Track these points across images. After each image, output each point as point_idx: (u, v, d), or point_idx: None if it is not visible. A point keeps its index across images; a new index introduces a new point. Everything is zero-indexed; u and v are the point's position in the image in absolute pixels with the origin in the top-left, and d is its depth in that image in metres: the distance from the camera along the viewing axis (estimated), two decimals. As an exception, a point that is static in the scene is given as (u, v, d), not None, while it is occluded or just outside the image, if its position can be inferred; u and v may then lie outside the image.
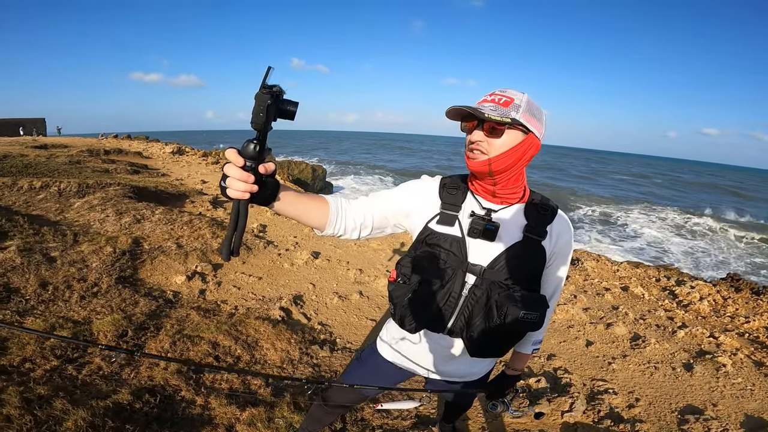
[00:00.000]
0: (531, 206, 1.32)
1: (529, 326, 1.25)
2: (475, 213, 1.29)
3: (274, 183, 1.03)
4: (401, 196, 1.37)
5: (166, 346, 3.08)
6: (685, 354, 4.12)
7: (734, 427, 3.00)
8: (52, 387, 2.34)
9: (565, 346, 4.23)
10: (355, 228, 1.29)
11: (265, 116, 0.84)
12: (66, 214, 6.02)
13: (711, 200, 41.68)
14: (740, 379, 3.66)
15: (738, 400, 3.38)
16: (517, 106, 1.18)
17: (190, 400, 2.56)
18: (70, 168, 10.13)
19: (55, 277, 3.91)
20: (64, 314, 3.32)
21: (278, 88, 0.86)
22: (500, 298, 1.24)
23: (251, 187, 0.94)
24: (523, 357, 1.57)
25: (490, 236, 1.26)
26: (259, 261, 5.53)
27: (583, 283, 6.42)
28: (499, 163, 1.20)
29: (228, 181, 0.94)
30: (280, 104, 0.88)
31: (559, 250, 1.33)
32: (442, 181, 1.38)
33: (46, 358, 2.64)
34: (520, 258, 1.28)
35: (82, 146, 17.45)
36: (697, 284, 6.65)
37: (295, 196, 1.14)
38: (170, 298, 4.05)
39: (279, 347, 3.40)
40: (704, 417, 3.07)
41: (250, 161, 0.92)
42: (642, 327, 4.79)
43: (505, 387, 1.62)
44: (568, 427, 2.89)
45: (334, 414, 1.85)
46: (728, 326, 5.01)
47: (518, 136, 1.19)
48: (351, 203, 1.31)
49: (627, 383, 3.56)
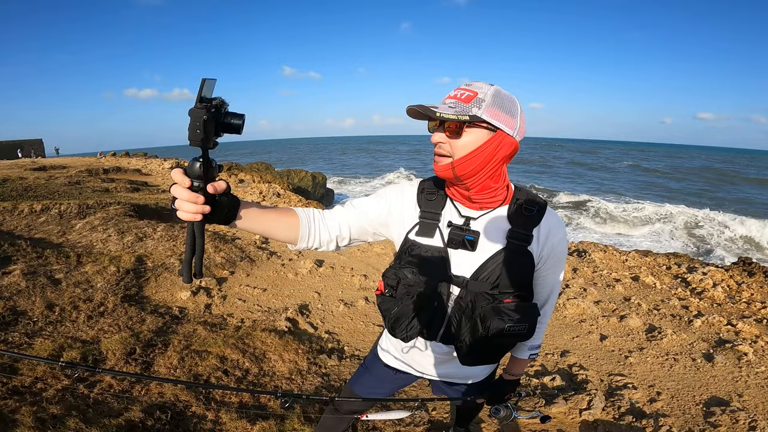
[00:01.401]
0: (515, 208, 1.22)
1: (516, 338, 1.19)
2: (453, 223, 1.22)
3: (231, 201, 0.98)
4: (378, 205, 1.29)
5: (174, 362, 3.07)
6: (704, 344, 4.04)
7: (762, 417, 2.91)
8: (64, 406, 2.36)
9: (578, 341, 4.15)
10: (331, 240, 1.24)
11: (202, 132, 0.77)
12: (68, 236, 6.00)
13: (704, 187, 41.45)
14: (763, 368, 3.57)
15: (764, 390, 3.29)
16: (480, 101, 1.07)
17: (201, 415, 2.56)
18: (69, 189, 10.14)
19: (61, 298, 3.91)
20: (72, 335, 3.34)
21: (219, 100, 0.81)
22: (484, 310, 1.16)
23: (202, 208, 0.89)
24: (521, 362, 1.50)
25: (471, 247, 1.19)
26: (262, 272, 5.48)
27: (592, 275, 6.34)
28: (464, 166, 1.11)
29: (177, 203, 0.88)
30: (222, 118, 0.82)
31: (549, 251, 1.23)
32: (420, 185, 1.31)
33: (57, 378, 2.65)
34: (505, 266, 1.19)
35: (80, 166, 17.52)
36: (709, 270, 6.54)
37: (259, 212, 1.09)
38: (176, 314, 4.01)
39: (287, 358, 3.34)
40: (730, 408, 2.98)
41: (197, 181, 0.87)
42: (657, 318, 4.70)
43: (503, 392, 1.55)
44: (587, 425, 2.81)
45: (346, 421, 1.81)
46: (745, 312, 4.93)
47: (483, 134, 1.08)
48: (325, 215, 1.25)
49: (646, 377, 3.48)
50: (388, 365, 1.56)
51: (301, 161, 60.82)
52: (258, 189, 13.62)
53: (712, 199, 33.35)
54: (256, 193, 12.67)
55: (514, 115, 1.11)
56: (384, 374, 1.59)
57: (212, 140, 0.81)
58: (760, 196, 35.58)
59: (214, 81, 0.81)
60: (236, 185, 15.16)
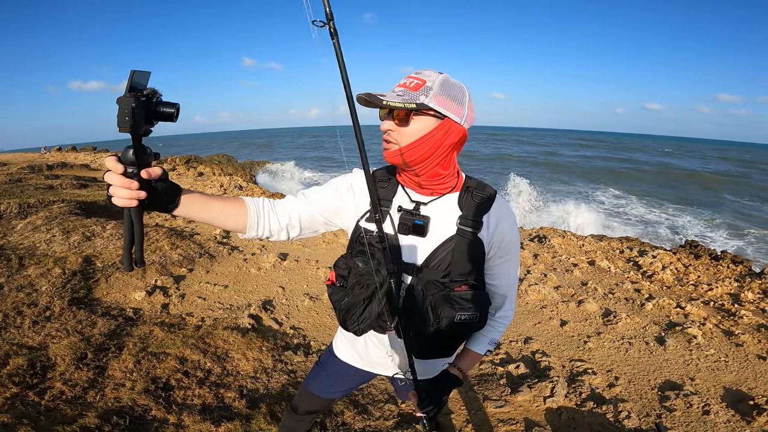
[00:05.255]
0: (465, 195, 1.22)
1: (469, 327, 1.18)
2: (403, 207, 1.21)
3: (170, 187, 0.99)
4: (329, 193, 1.28)
5: (130, 365, 2.94)
6: (656, 327, 4.23)
7: (715, 401, 3.06)
8: (14, 414, 2.28)
9: (540, 327, 4.26)
10: (282, 229, 1.23)
11: (131, 119, 0.81)
12: (9, 238, 5.61)
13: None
14: (713, 351, 3.76)
15: (714, 373, 3.46)
16: (428, 89, 1.07)
17: (162, 419, 2.48)
18: (10, 187, 9.48)
19: (4, 304, 3.69)
20: (17, 341, 3.18)
21: (150, 90, 0.85)
22: (435, 298, 1.15)
23: (137, 194, 0.89)
24: (474, 356, 1.38)
25: (421, 232, 1.19)
26: (223, 268, 5.32)
27: (552, 260, 6.52)
28: (412, 153, 1.12)
29: (111, 189, 0.89)
30: (153, 107, 0.86)
31: (499, 238, 1.22)
32: (373, 173, 1.30)
33: (4, 385, 2.56)
34: (455, 253, 1.18)
35: (22, 162, 16.44)
36: (658, 253, 6.86)
37: (203, 199, 1.08)
38: (131, 316, 3.84)
39: (251, 357, 3.25)
40: (684, 392, 3.13)
41: (130, 167, 0.89)
42: (612, 302, 4.89)
43: (441, 388, 1.33)
44: (552, 412, 2.88)
45: (306, 421, 1.75)
46: (692, 295, 5.19)
47: (430, 122, 1.09)
48: (275, 204, 1.24)
49: (604, 362, 3.61)
50: (344, 362, 1.53)
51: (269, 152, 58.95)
52: (219, 182, 13.19)
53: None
54: (217, 186, 12.26)
55: (462, 104, 1.12)
56: (340, 371, 1.55)
57: (143, 127, 0.85)
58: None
59: (147, 73, 0.85)
60: (195, 179, 14.66)
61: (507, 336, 4.06)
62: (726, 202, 24.85)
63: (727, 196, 26.52)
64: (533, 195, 20.11)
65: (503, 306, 1.35)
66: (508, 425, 2.73)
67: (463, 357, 1.39)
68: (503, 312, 1.36)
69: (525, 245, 7.17)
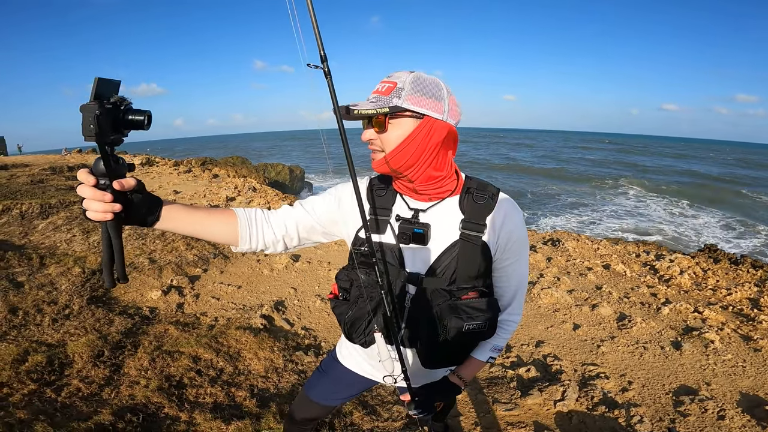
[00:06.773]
0: (466, 197, 1.17)
1: (477, 336, 1.16)
2: (401, 216, 1.18)
3: (148, 199, 0.94)
4: (327, 202, 1.25)
5: (145, 363, 3.00)
6: (672, 332, 4.15)
7: (731, 406, 3.00)
8: (31, 411, 2.32)
9: (552, 331, 4.22)
10: (278, 241, 1.19)
11: (96, 127, 0.78)
12: (30, 237, 5.78)
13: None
14: (730, 356, 3.68)
15: (731, 378, 3.39)
16: (400, 90, 1.04)
17: (174, 416, 2.51)
18: (32, 188, 9.76)
19: (24, 301, 3.80)
20: (37, 338, 3.26)
21: (118, 98, 0.82)
22: (441, 308, 1.13)
23: (111, 206, 0.85)
24: (476, 363, 1.32)
25: (421, 240, 1.14)
26: (237, 269, 5.39)
27: (565, 264, 6.44)
28: (398, 159, 1.07)
29: (84, 203, 0.84)
30: (122, 114, 0.82)
31: (506, 238, 1.17)
32: (370, 182, 1.27)
33: (22, 382, 2.61)
34: (460, 259, 1.14)
35: (44, 164, 16.82)
36: (676, 257, 6.73)
37: (188, 212, 1.03)
38: (147, 315, 3.92)
39: (262, 356, 3.29)
40: (699, 397, 3.06)
41: (102, 179, 0.85)
42: (627, 306, 4.81)
43: (437, 396, 1.28)
44: (562, 416, 2.85)
45: (307, 428, 1.72)
46: (711, 299, 5.08)
47: (410, 124, 1.06)
48: (270, 215, 1.20)
49: (618, 366, 3.56)
50: (348, 368, 1.49)
51: (279, 154, 59.40)
52: (233, 184, 13.33)
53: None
54: (231, 188, 12.40)
55: (440, 98, 1.07)
56: (343, 378, 1.52)
57: (110, 135, 0.81)
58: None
59: (115, 81, 0.82)
60: (210, 180, 14.85)
61: (518, 339, 4.03)
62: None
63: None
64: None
65: (508, 310, 1.28)
66: (517, 428, 2.72)
67: (465, 365, 1.33)
68: (508, 317, 1.29)
69: (538, 248, 7.10)
